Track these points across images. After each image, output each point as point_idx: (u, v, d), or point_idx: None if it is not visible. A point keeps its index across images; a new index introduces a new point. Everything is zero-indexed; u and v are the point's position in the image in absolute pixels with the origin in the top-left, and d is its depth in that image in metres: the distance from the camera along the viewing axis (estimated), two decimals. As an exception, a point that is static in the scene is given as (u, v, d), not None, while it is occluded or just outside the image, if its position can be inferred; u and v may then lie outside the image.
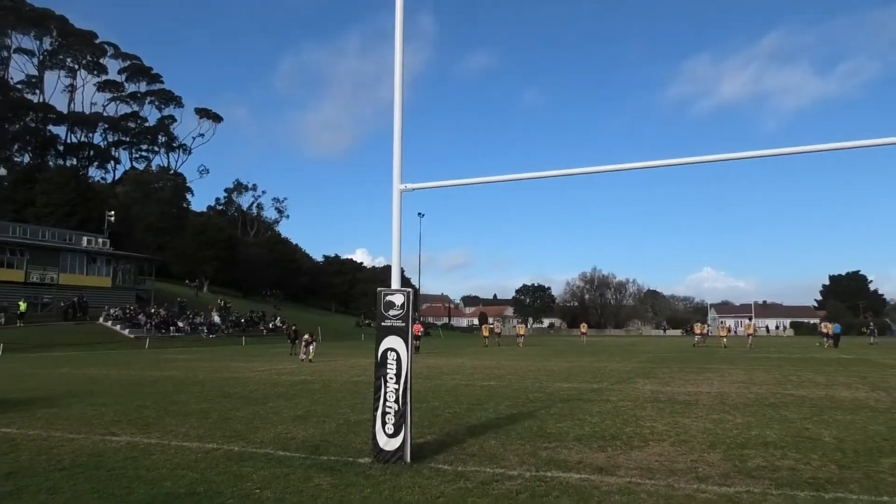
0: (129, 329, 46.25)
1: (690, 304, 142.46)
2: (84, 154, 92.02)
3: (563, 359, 29.09)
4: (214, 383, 17.04)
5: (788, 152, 7.17)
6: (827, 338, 44.06)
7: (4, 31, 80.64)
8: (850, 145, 6.82)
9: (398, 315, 7.61)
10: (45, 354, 32.23)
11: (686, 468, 7.07)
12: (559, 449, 8.11)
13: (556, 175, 8.20)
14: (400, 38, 8.38)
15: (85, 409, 11.98)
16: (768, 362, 25.40)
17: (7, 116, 78.12)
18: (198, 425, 10.01)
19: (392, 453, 7.26)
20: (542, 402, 12.81)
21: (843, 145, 6.90)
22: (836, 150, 7.08)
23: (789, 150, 7.14)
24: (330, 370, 21.77)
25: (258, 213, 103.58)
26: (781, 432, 9.25)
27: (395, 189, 8.07)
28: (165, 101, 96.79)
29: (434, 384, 16.66)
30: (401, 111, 8.24)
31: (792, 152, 7.15)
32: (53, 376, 19.38)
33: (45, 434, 9.27)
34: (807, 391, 14.73)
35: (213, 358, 29.60)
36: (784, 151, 7.18)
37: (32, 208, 62.70)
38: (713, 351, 36.95)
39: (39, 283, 48.14)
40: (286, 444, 8.40)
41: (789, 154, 7.19)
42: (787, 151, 7.16)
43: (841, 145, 6.92)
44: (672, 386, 16.07)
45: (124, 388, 15.90)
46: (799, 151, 7.10)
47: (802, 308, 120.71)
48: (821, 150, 7.09)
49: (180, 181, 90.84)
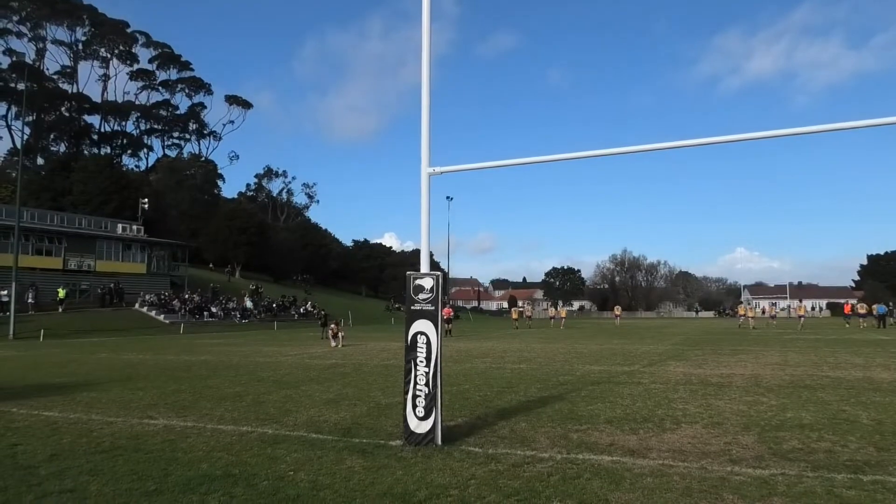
0: (164, 315, 47.12)
1: (723, 286, 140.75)
2: (118, 142, 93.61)
3: (594, 341, 28.95)
4: (247, 367, 17.30)
5: (825, 129, 6.96)
6: (861, 317, 43.52)
7: (40, 23, 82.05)
8: (884, 121, 6.60)
9: (427, 299, 7.61)
10: (84, 340, 33.03)
11: (719, 450, 6.99)
12: (590, 431, 8.08)
13: (582, 156, 8.07)
14: (427, 22, 8.32)
15: (123, 392, 12.27)
16: (804, 344, 24.99)
17: (44, 107, 79.65)
18: (232, 409, 10.18)
19: (423, 436, 7.31)
20: (572, 385, 12.78)
21: (878, 121, 6.68)
22: (872, 127, 6.84)
23: (826, 128, 6.92)
24: (360, 354, 21.96)
25: (288, 199, 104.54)
26: (817, 414, 9.10)
27: (423, 172, 8.05)
28: (196, 88, 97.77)
29: (464, 367, 16.71)
30: (428, 95, 8.20)
31: (829, 129, 6.94)
32: (92, 361, 19.86)
33: (85, 417, 9.50)
34: (844, 373, 14.46)
35: (245, 342, 30.04)
36: (820, 129, 6.97)
37: (69, 196, 64.01)
38: (746, 333, 36.45)
39: (77, 269, 49.17)
40: (318, 427, 8.50)
41: (825, 131, 6.99)
42: (824, 128, 6.95)
43: (876, 122, 6.69)
44: (704, 368, 15.90)
45: (160, 372, 16.23)
46: (835, 128, 6.88)
47: (839, 289, 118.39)
48: (857, 126, 6.85)
49: (211, 168, 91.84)
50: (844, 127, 6.85)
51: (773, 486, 5.67)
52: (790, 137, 7.17)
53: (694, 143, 7.53)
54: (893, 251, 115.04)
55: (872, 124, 6.74)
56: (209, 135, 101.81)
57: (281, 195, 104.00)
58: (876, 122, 6.67)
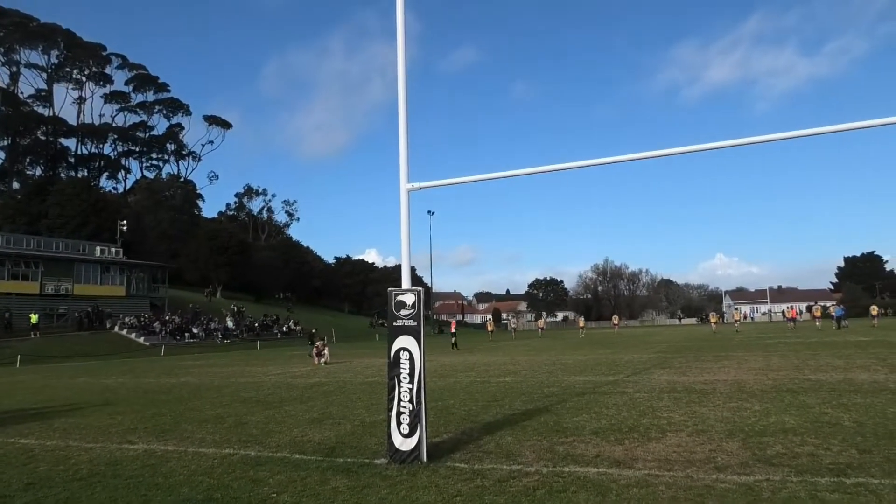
0: (145, 337, 46.57)
1: (705, 292, 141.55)
2: (95, 165, 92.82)
3: (578, 352, 28.99)
4: (230, 388, 17.10)
5: (793, 136, 7.03)
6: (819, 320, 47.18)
7: (13, 47, 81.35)
8: (845, 127, 6.70)
9: (410, 314, 7.58)
10: (62, 365, 32.48)
11: (704, 458, 7.00)
12: (576, 443, 8.06)
13: (558, 169, 8.09)
14: (402, 41, 8.35)
15: (102, 417, 12.05)
16: (785, 348, 25.19)
17: (19, 130, 78.90)
18: (214, 431, 10.03)
19: (408, 453, 7.24)
20: (557, 397, 12.76)
21: (838, 128, 6.77)
22: (835, 133, 6.95)
23: (793, 134, 6.99)
24: (344, 371, 21.80)
25: (269, 218, 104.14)
26: (800, 418, 9.15)
27: (402, 188, 8.04)
28: (173, 109, 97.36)
29: (448, 382, 16.64)
30: (405, 112, 8.21)
31: (794, 136, 7.01)
32: (70, 386, 19.52)
33: (62, 444, 9.32)
34: (825, 375, 14.58)
35: (227, 363, 29.71)
36: (787, 136, 7.03)
37: (45, 220, 63.27)
38: (729, 338, 36.71)
39: (55, 294, 48.54)
40: (302, 448, 8.40)
41: (792, 138, 7.07)
42: (791, 135, 7.02)
43: (836, 128, 6.78)
44: (688, 375, 15.96)
45: (140, 395, 15.98)
46: (801, 135, 6.96)
47: (818, 291, 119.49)
48: (819, 133, 6.94)
49: (190, 188, 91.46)
50: (804, 134, 6.94)
51: (758, 492, 5.67)
52: (757, 144, 7.24)
53: (662, 153, 7.59)
54: (868, 253, 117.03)
55: (831, 130, 6.85)
56: (188, 155, 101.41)
57: (261, 214, 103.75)
58: (834, 129, 6.79)
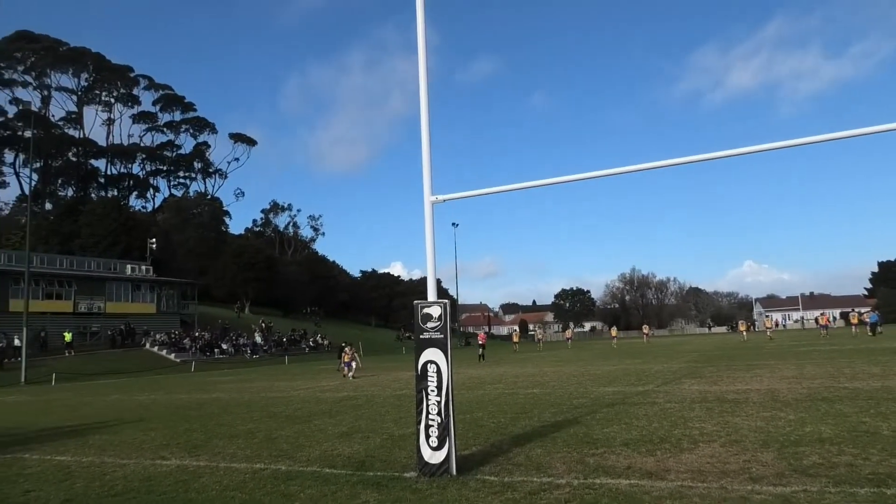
0: (175, 353, 47.14)
1: (735, 300, 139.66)
2: (124, 185, 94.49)
3: (607, 362, 28.72)
4: (259, 403, 17.22)
5: (821, 140, 6.90)
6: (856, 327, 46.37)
7: (44, 71, 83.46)
8: (872, 130, 6.55)
9: (436, 327, 7.59)
10: (96, 382, 33.00)
11: (739, 469, 6.88)
12: (607, 455, 7.97)
13: (579, 178, 8.07)
14: (423, 57, 8.41)
15: (135, 434, 12.22)
16: (819, 355, 24.70)
17: (51, 153, 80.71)
18: (245, 446, 10.11)
19: (437, 466, 7.23)
20: (586, 408, 12.65)
21: (864, 131, 6.62)
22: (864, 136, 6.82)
23: (821, 138, 6.87)
24: (372, 385, 21.84)
25: (295, 233, 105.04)
26: (837, 427, 8.95)
27: (426, 201, 8.08)
28: (200, 128, 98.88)
29: (477, 394, 16.59)
30: (428, 126, 8.27)
31: (822, 140, 6.88)
32: (104, 404, 19.82)
33: (98, 461, 9.46)
34: (861, 383, 14.27)
35: (257, 378, 29.95)
36: (815, 140, 6.91)
37: (78, 240, 64.57)
38: (760, 346, 36.10)
39: (87, 312, 49.40)
40: (332, 462, 8.43)
41: (821, 141, 6.94)
42: (819, 139, 6.89)
43: (863, 131, 6.63)
44: (720, 385, 15.72)
45: (172, 412, 16.17)
46: (828, 139, 6.83)
47: (852, 297, 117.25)
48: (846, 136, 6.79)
49: (217, 205, 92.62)
50: (831, 138, 6.81)
51: (795, 503, 5.56)
52: (784, 148, 7.14)
53: (683, 161, 7.50)
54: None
55: (858, 134, 6.72)
56: (214, 173, 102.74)
57: (287, 229, 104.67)
58: (861, 132, 6.66)
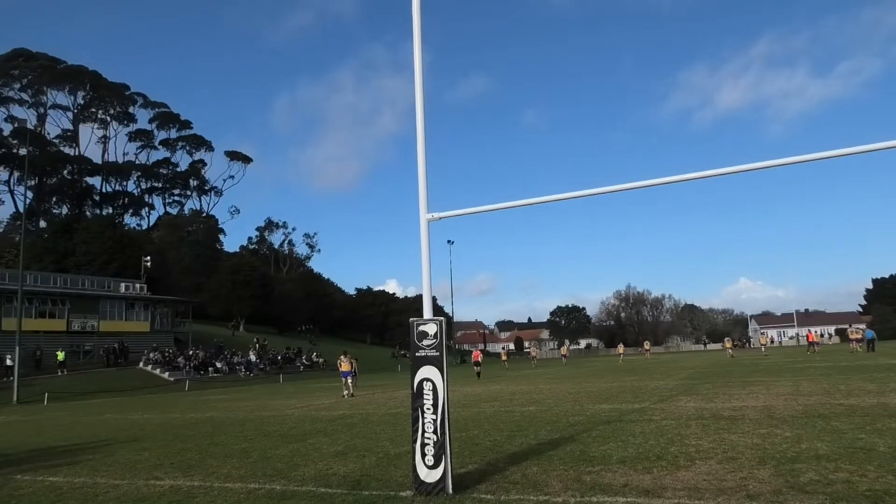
0: (169, 372, 46.84)
1: (730, 317, 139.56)
2: (119, 202, 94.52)
3: (602, 379, 28.66)
4: (254, 422, 17.11)
5: (812, 158, 6.96)
6: (855, 343, 45.68)
7: (41, 89, 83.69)
8: (865, 149, 6.62)
9: (432, 344, 7.58)
10: (89, 401, 32.74)
11: (736, 486, 6.86)
12: (603, 472, 7.94)
13: (574, 196, 8.06)
14: (420, 78, 8.48)
15: (128, 454, 12.11)
16: (815, 372, 24.71)
17: (45, 170, 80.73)
18: (239, 465, 10.03)
19: (433, 485, 7.19)
20: (583, 425, 12.60)
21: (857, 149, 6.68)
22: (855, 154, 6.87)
23: (813, 157, 6.93)
24: (368, 403, 21.73)
25: (290, 250, 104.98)
26: (833, 444, 8.94)
27: (422, 218, 8.10)
28: (196, 145, 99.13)
29: (473, 412, 16.52)
30: (424, 144, 8.32)
31: (813, 159, 6.95)
32: (97, 423, 19.66)
33: (90, 481, 9.36)
34: (857, 400, 14.27)
35: (251, 397, 29.76)
36: (806, 158, 6.96)
37: (72, 258, 64.42)
38: (756, 363, 36.10)
39: (81, 331, 49.15)
40: (327, 481, 8.37)
41: (812, 160, 7.00)
42: (811, 158, 6.95)
43: (856, 149, 6.69)
44: (716, 402, 15.70)
45: (166, 431, 16.05)
46: (819, 158, 6.90)
47: (847, 314, 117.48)
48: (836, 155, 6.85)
49: (212, 223, 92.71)
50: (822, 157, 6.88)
51: (793, 521, 5.55)
52: (773, 167, 7.19)
53: (675, 179, 7.54)
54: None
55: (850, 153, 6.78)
56: (210, 190, 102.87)
57: (283, 247, 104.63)
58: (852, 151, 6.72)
